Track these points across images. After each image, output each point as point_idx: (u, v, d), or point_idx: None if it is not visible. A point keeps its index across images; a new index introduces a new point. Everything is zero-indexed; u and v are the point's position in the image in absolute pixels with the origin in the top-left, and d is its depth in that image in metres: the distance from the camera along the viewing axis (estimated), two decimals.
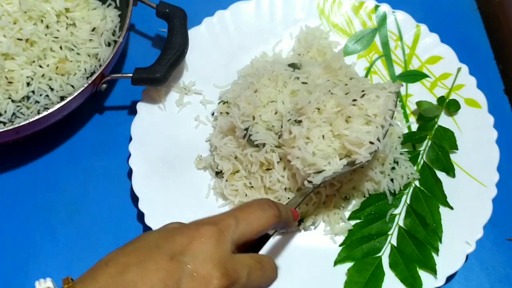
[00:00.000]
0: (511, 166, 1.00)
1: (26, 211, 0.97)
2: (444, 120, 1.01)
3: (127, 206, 0.98)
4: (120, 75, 0.98)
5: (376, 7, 1.08)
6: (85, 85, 0.90)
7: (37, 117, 0.87)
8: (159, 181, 0.94)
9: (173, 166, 0.96)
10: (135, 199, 0.94)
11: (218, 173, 0.96)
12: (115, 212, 0.97)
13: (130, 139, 0.95)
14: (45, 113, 0.88)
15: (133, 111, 0.98)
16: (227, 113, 0.97)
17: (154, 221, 0.90)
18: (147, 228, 0.91)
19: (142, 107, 0.98)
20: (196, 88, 1.03)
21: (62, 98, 0.97)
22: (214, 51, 1.05)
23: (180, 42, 0.97)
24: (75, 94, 0.89)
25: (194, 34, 1.04)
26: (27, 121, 0.87)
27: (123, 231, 0.96)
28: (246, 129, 0.91)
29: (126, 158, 0.98)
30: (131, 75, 0.96)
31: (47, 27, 0.99)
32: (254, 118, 0.91)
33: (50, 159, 1.01)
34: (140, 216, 0.93)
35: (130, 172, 0.94)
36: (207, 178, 0.97)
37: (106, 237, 0.95)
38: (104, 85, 0.97)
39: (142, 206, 0.91)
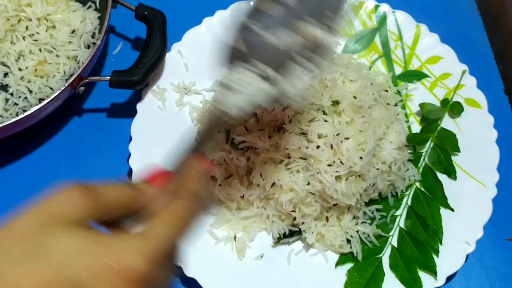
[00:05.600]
0: (511, 166, 1.00)
1: None
2: (444, 120, 1.01)
3: None
4: (98, 77, 0.97)
5: (376, 7, 1.08)
6: (62, 88, 0.90)
7: (13, 120, 0.87)
8: None
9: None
10: None
11: (212, 177, 0.95)
12: None
13: (130, 139, 0.95)
14: (21, 116, 0.87)
15: (133, 111, 0.98)
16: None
17: None
18: None
19: (142, 107, 0.98)
20: (196, 88, 1.03)
21: (40, 101, 0.97)
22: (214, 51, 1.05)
23: (158, 44, 0.96)
24: (51, 97, 0.89)
25: (194, 34, 1.04)
26: (2, 124, 0.86)
27: None
28: (228, 134, 0.91)
29: (126, 158, 0.98)
30: (108, 78, 0.95)
31: (27, 28, 0.99)
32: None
33: (50, 159, 1.01)
34: None
35: (130, 172, 0.93)
36: None
37: None
38: (82, 88, 0.96)
39: None
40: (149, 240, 0.47)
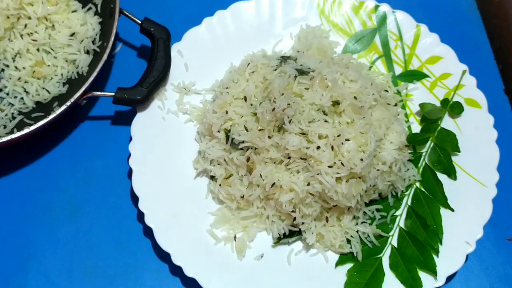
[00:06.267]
0: (511, 166, 1.00)
1: (26, 211, 0.97)
2: (444, 120, 1.01)
3: (127, 206, 0.98)
4: (102, 93, 0.97)
5: (376, 7, 1.08)
6: (68, 104, 0.91)
7: (18, 134, 0.88)
8: (159, 181, 0.94)
9: (173, 166, 0.96)
10: (135, 199, 0.94)
11: (213, 177, 0.96)
12: (115, 212, 0.97)
13: (130, 139, 0.95)
14: (26, 130, 0.88)
15: (133, 111, 0.98)
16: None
17: (154, 221, 0.90)
18: (147, 228, 0.90)
19: (142, 107, 0.98)
20: (196, 88, 1.03)
21: (37, 103, 0.97)
22: (214, 51, 1.05)
23: (163, 65, 0.97)
24: (56, 113, 0.89)
25: (194, 34, 1.04)
26: (6, 139, 0.87)
27: (123, 231, 0.96)
28: (228, 134, 0.91)
29: (126, 158, 0.98)
30: (112, 94, 0.95)
31: (25, 26, 0.98)
32: (227, 112, 0.92)
33: (51, 159, 1.01)
34: (140, 216, 0.93)
35: (130, 172, 0.94)
36: (206, 179, 0.97)
37: (106, 237, 0.95)
38: (85, 101, 0.96)
39: (142, 206, 0.91)
40: None
